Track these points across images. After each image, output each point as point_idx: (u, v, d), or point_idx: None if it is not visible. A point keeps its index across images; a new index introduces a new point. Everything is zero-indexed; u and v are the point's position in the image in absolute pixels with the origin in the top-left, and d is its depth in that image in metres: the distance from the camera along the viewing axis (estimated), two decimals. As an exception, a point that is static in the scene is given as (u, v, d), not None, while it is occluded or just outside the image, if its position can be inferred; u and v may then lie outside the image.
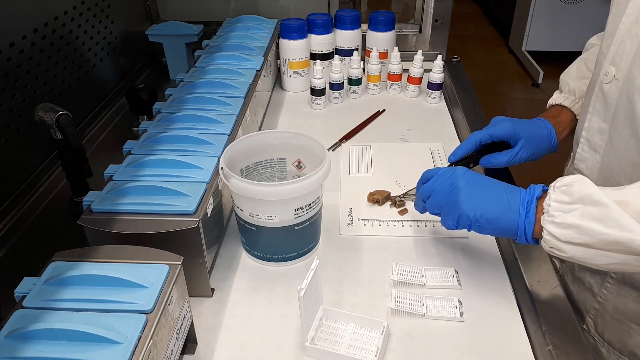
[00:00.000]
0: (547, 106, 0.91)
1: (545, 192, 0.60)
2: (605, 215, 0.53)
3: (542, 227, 0.58)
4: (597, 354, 0.78)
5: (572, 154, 0.84)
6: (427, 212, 0.70)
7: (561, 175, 0.91)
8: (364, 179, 0.93)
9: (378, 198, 0.85)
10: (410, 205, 0.85)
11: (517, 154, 0.82)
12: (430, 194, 0.68)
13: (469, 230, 0.65)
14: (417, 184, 0.73)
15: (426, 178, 0.71)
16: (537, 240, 0.60)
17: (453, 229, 0.66)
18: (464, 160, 0.84)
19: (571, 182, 0.57)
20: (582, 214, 0.55)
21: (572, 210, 0.56)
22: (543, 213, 0.58)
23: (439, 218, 0.67)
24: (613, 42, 0.68)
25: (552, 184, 0.59)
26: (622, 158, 0.69)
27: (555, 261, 0.87)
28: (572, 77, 0.88)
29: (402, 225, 0.82)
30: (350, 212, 0.84)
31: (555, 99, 0.90)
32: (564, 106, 0.88)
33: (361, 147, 1.02)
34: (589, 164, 0.76)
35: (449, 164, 0.85)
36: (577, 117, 0.84)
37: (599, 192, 0.54)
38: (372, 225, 0.82)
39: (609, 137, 0.71)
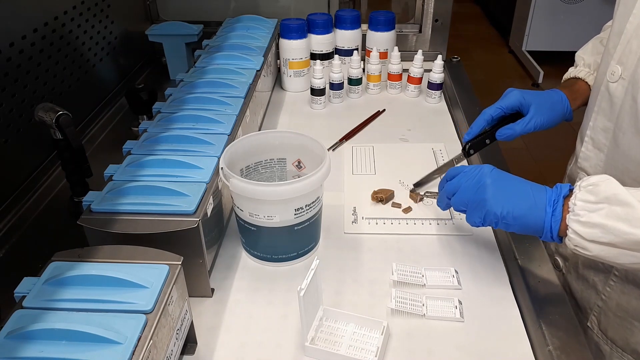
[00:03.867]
0: (562, 81, 0.90)
1: (571, 191, 0.60)
2: (630, 215, 0.53)
3: (567, 225, 0.58)
4: (600, 352, 0.78)
5: (575, 152, 0.84)
6: (448, 209, 0.71)
7: (562, 175, 0.92)
8: (367, 179, 0.93)
9: (382, 197, 0.85)
10: (414, 203, 0.85)
11: (530, 121, 0.79)
12: (456, 191, 0.68)
13: (494, 227, 0.65)
14: (441, 181, 0.73)
15: (451, 175, 0.70)
16: (562, 238, 0.60)
17: (479, 226, 0.66)
18: (479, 137, 0.82)
19: (597, 182, 0.57)
20: (608, 214, 0.55)
21: (598, 209, 0.56)
22: (569, 212, 0.58)
23: (443, 215, 0.67)
24: (620, 41, 0.69)
25: (578, 183, 0.59)
26: (627, 157, 0.69)
27: (559, 259, 0.87)
28: (587, 52, 0.87)
29: (407, 223, 0.82)
30: (354, 211, 0.85)
31: (570, 72, 0.89)
32: (579, 78, 0.86)
33: (364, 147, 1.03)
34: (593, 162, 0.76)
35: (463, 144, 0.83)
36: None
37: (625, 192, 0.55)
38: (377, 223, 0.82)
39: (614, 136, 0.71)
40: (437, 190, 0.78)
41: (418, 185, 0.89)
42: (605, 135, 0.73)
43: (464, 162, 0.86)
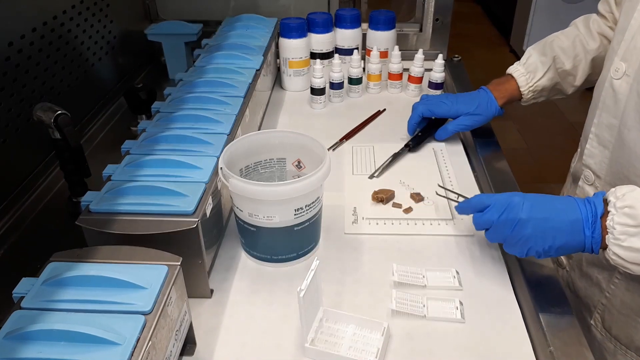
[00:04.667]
0: (505, 72, 1.00)
1: (606, 206, 0.61)
2: None
3: (608, 246, 0.59)
4: (604, 350, 0.78)
5: (579, 150, 0.84)
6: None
7: (562, 175, 0.91)
8: (368, 179, 0.93)
9: (382, 197, 0.85)
10: (414, 203, 0.85)
11: (461, 123, 0.97)
12: (490, 227, 0.67)
13: (537, 258, 0.66)
14: (462, 204, 0.72)
15: (480, 207, 0.68)
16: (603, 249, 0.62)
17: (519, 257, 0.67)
18: (418, 138, 1.00)
19: (633, 204, 0.58)
20: None
21: (639, 234, 0.57)
22: (607, 232, 0.59)
23: (444, 216, 0.66)
24: (624, 38, 0.69)
25: (613, 202, 0.60)
26: (632, 154, 0.69)
27: (562, 257, 0.87)
28: (536, 51, 0.95)
29: (407, 224, 0.81)
30: (354, 211, 0.84)
31: (510, 68, 0.98)
32: (513, 77, 0.96)
33: (364, 147, 1.02)
34: (598, 159, 0.76)
35: (405, 145, 0.99)
36: (520, 88, 0.95)
37: None
38: (377, 223, 0.82)
39: (619, 133, 0.70)
40: (451, 195, 0.81)
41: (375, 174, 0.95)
42: (610, 132, 0.72)
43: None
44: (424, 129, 1.03)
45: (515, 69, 0.97)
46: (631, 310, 0.73)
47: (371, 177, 0.93)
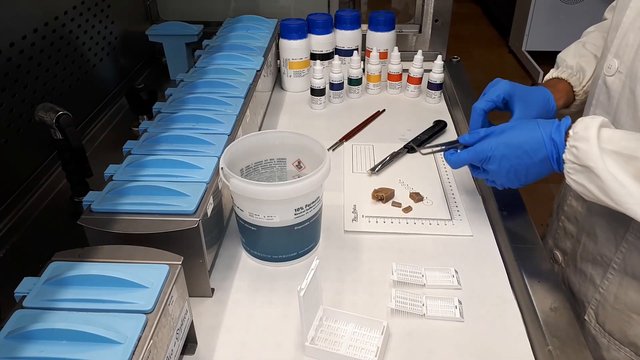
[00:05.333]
0: (543, 81, 0.89)
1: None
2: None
3: (566, 145, 0.63)
4: (598, 345, 0.78)
5: None
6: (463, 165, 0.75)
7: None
8: (367, 177, 0.93)
9: (382, 195, 0.85)
10: (414, 203, 0.86)
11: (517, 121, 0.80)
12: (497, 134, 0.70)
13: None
14: (458, 159, 0.75)
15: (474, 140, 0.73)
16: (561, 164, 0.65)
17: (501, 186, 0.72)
18: (418, 140, 1.00)
19: (578, 145, 0.62)
20: (589, 178, 0.62)
21: (581, 171, 0.62)
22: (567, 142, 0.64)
23: (443, 216, 0.66)
24: (617, 35, 0.69)
25: (569, 132, 0.64)
26: None
27: (558, 253, 0.87)
28: (569, 55, 0.87)
29: (407, 223, 0.82)
30: (354, 209, 0.85)
31: (551, 73, 0.88)
32: (561, 79, 0.86)
33: (364, 146, 1.03)
34: None
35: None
36: (574, 89, 0.84)
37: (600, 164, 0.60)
38: (377, 222, 0.82)
39: None
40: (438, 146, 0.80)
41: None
42: None
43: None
44: (426, 132, 1.03)
45: (562, 71, 0.86)
46: (625, 305, 0.73)
47: (372, 169, 0.93)
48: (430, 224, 0.81)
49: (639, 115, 0.65)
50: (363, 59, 1.23)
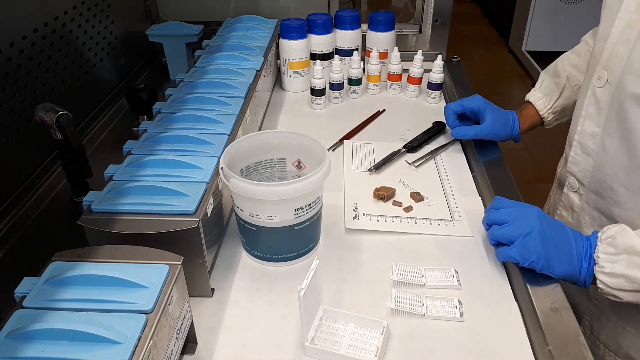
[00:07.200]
0: (525, 99, 1.00)
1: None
2: None
3: (596, 277, 0.63)
4: (593, 355, 0.78)
5: (564, 156, 0.84)
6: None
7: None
8: (368, 175, 0.93)
9: (384, 194, 0.85)
10: (415, 203, 0.85)
11: (484, 130, 0.93)
12: (501, 223, 0.68)
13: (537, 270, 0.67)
14: (488, 211, 0.73)
15: (498, 206, 0.71)
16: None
17: (511, 262, 0.68)
18: (417, 140, 1.01)
19: (614, 234, 0.62)
20: (629, 264, 0.59)
21: (619, 260, 0.60)
22: (596, 263, 0.63)
23: (444, 216, 0.66)
24: (606, 46, 0.69)
25: (599, 235, 0.64)
26: (614, 162, 0.69)
27: None
28: (550, 73, 0.97)
29: (408, 222, 0.82)
30: (355, 207, 0.85)
31: (528, 95, 0.99)
32: (531, 102, 0.97)
33: (364, 145, 1.03)
34: (582, 167, 0.76)
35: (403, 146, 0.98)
36: (539, 112, 0.96)
37: None
38: (378, 220, 0.82)
39: (602, 141, 0.71)
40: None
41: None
42: (593, 140, 0.73)
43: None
44: (425, 132, 1.04)
45: (532, 95, 0.98)
46: (619, 317, 0.73)
47: (374, 168, 0.94)
48: (430, 224, 0.81)
49: (628, 127, 0.65)
50: (363, 59, 1.23)
